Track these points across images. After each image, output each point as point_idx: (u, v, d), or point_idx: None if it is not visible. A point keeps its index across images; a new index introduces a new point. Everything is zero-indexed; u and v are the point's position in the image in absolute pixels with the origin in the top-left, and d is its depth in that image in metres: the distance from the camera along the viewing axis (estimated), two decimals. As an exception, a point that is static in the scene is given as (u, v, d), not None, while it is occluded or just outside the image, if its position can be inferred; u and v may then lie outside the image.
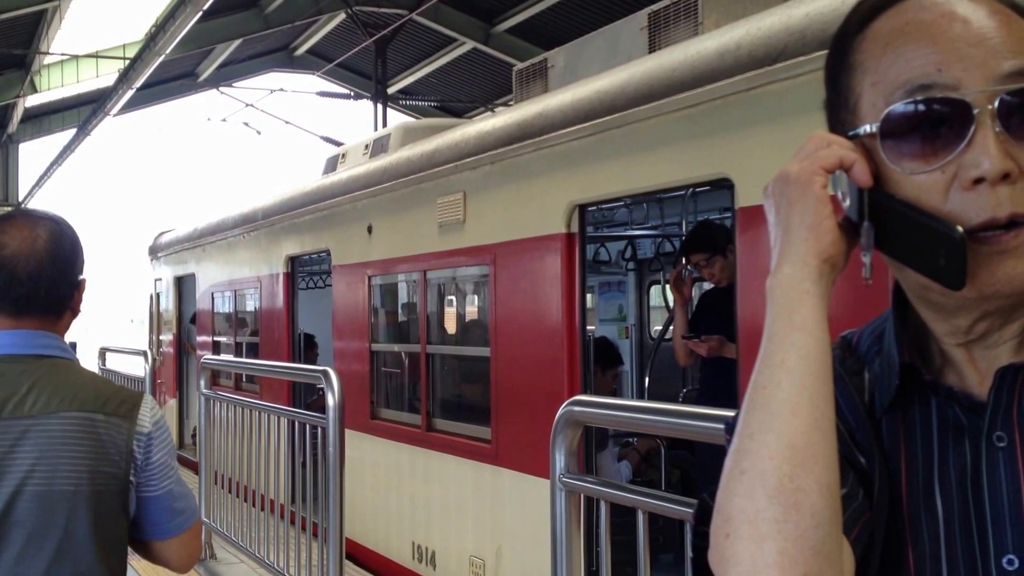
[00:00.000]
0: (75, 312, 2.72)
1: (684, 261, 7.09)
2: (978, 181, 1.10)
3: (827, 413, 1.10)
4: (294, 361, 11.78)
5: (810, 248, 1.16)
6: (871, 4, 1.23)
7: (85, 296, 2.76)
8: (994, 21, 1.14)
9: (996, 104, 1.10)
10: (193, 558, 2.81)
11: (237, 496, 7.96)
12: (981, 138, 1.10)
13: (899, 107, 1.15)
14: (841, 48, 1.26)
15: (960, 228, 1.10)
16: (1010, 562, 1.12)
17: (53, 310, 2.64)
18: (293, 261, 12.04)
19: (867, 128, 1.19)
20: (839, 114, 1.26)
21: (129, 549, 2.67)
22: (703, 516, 1.17)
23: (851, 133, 1.21)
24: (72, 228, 2.76)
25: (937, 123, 1.13)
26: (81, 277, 2.72)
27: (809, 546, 1.04)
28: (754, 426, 1.09)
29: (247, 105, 24.34)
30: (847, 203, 1.17)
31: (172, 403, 17.36)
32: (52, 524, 2.46)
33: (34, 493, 2.46)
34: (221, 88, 25.17)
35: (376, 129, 21.53)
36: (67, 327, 2.72)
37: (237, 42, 28.13)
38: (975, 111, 1.10)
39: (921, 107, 1.13)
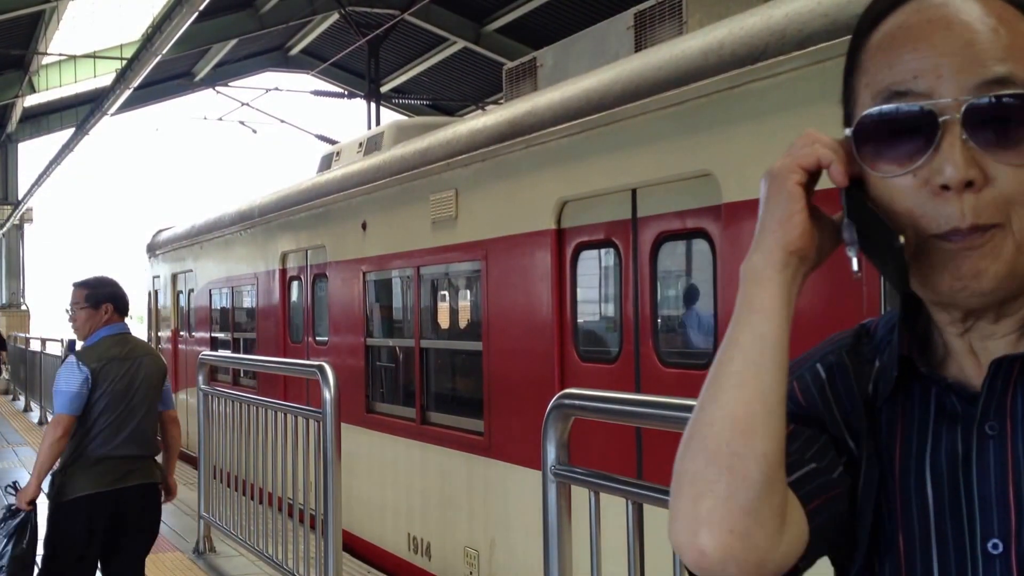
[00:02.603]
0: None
1: None
2: (945, 187, 1.14)
3: (773, 387, 1.17)
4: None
5: (777, 240, 1.21)
6: (883, 4, 1.25)
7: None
8: (982, 26, 1.15)
9: (962, 113, 1.13)
10: (178, 422, 6.48)
11: (236, 490, 8.05)
12: (948, 146, 1.14)
13: (870, 112, 1.19)
14: (853, 47, 1.28)
15: (902, 238, 1.16)
16: (995, 546, 1.17)
17: (127, 314, 6.13)
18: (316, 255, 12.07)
19: (847, 130, 1.23)
20: (848, 111, 1.28)
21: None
22: None
23: (846, 132, 1.24)
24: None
25: (908, 129, 1.16)
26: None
27: (738, 506, 1.13)
28: (705, 397, 1.19)
29: (243, 104, 24.37)
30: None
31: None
32: (145, 399, 5.88)
33: (144, 388, 5.87)
34: (217, 88, 25.19)
35: (369, 127, 21.59)
36: None
37: (233, 42, 28.20)
38: (940, 119, 1.14)
39: (889, 113, 1.17)
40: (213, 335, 15.55)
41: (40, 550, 5.72)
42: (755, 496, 1.14)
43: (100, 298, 5.95)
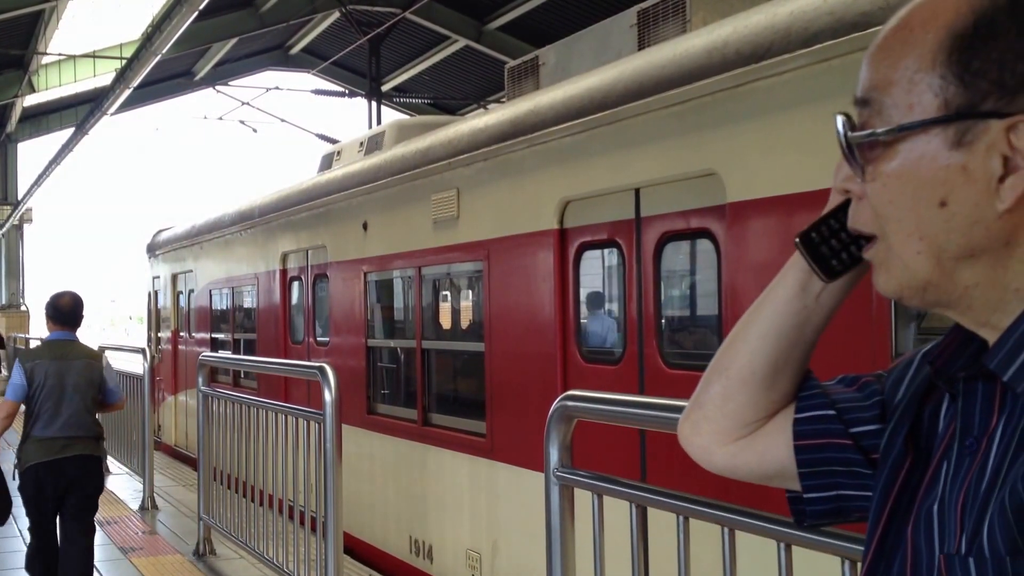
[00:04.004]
0: (80, 325, 7.60)
1: None
2: None
3: (756, 324, 1.45)
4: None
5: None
6: None
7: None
8: (882, 44, 1.19)
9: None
10: (122, 407, 8.32)
11: (236, 492, 8.02)
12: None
13: None
14: None
15: (799, 235, 1.34)
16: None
17: (76, 325, 7.55)
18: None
19: None
20: None
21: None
22: None
23: None
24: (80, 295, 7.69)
25: None
26: (83, 313, 7.66)
27: (696, 402, 1.53)
28: None
29: (243, 103, 24.35)
30: None
31: (171, 400, 17.39)
32: (79, 396, 7.22)
33: (74, 385, 7.21)
34: (217, 87, 25.17)
35: (371, 126, 21.56)
36: (77, 330, 7.57)
37: (233, 41, 28.16)
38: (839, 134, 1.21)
39: None
40: (213, 336, 15.52)
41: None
42: (708, 398, 1.51)
43: (44, 310, 7.73)
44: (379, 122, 22.34)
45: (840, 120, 1.18)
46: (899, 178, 1.14)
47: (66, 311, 7.54)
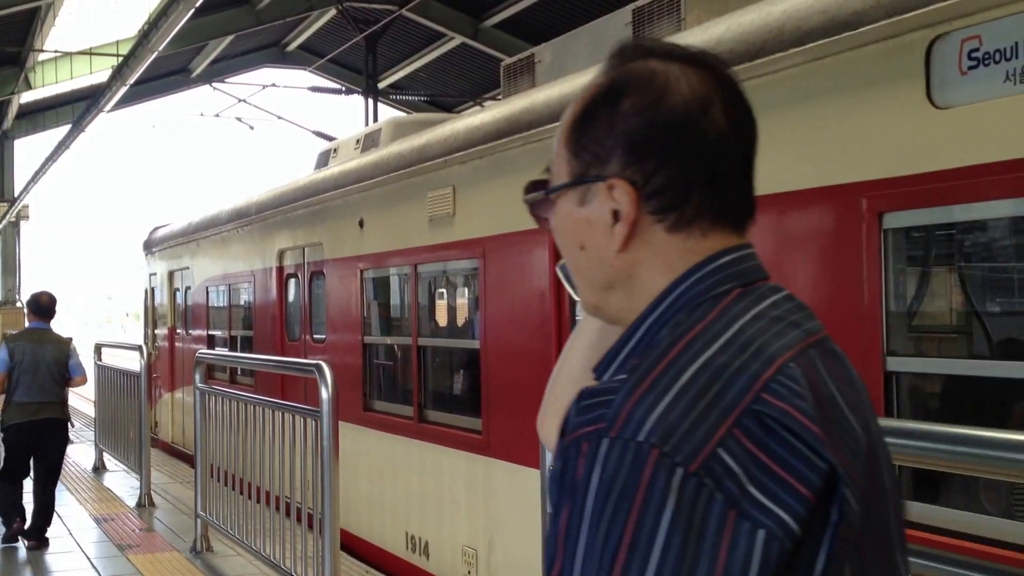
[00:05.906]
0: (53, 317, 10.15)
1: None
2: None
3: (578, 332, 1.71)
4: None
5: None
6: None
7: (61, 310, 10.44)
8: (561, 122, 1.50)
9: None
10: (84, 382, 10.35)
11: (233, 489, 8.03)
12: None
13: None
14: None
15: (559, 263, 1.62)
16: None
17: (50, 317, 10.01)
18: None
19: None
20: None
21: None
22: None
23: None
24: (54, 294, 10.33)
25: None
26: (56, 308, 10.21)
27: (547, 394, 1.77)
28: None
29: (240, 100, 24.35)
30: None
31: (167, 397, 17.40)
32: (51, 371, 9.56)
33: (46, 362, 9.53)
34: (214, 84, 25.16)
35: (367, 124, 21.56)
36: (51, 321, 10.05)
37: (229, 38, 28.09)
38: None
39: None
40: (210, 333, 15.53)
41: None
42: (546, 398, 1.79)
43: (26, 304, 10.15)
44: (375, 119, 22.34)
45: (525, 185, 1.52)
46: (557, 230, 1.44)
47: (44, 306, 9.91)
